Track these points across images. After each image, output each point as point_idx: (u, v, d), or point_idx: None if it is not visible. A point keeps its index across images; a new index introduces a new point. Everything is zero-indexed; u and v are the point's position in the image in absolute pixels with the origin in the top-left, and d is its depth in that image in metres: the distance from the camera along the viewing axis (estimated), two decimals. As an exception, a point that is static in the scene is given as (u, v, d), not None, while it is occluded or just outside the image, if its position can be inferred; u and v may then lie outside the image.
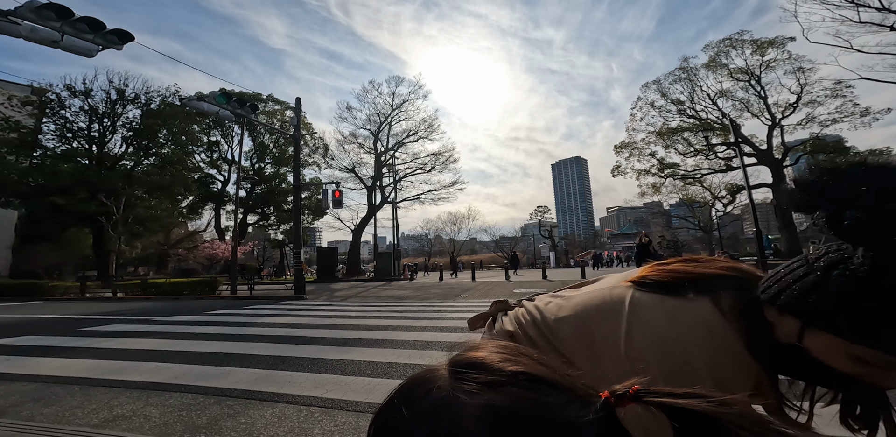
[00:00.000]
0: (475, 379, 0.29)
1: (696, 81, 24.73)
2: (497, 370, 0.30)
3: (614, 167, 27.97)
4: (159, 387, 3.23)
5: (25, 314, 9.65)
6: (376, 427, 0.32)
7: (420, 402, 0.29)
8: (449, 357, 0.33)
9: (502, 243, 55.47)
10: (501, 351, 0.32)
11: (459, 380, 0.29)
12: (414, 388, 0.31)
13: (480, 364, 0.30)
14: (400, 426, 0.29)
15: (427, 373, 0.32)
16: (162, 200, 28.50)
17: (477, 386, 0.28)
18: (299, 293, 13.13)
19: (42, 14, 6.12)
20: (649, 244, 9.78)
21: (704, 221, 43.56)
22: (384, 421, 0.31)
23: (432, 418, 0.28)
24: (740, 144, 18.93)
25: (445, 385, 0.29)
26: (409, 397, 0.31)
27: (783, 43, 22.07)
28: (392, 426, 0.30)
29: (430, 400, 0.29)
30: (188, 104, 11.08)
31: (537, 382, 0.29)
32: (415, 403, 0.29)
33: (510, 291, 11.73)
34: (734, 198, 30.41)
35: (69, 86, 24.65)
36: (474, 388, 0.28)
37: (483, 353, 0.32)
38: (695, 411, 0.28)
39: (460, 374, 0.30)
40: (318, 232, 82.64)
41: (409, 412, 0.29)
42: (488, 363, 0.30)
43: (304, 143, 28.96)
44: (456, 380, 0.29)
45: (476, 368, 0.30)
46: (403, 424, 0.29)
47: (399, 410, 0.29)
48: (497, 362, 0.30)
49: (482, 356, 0.31)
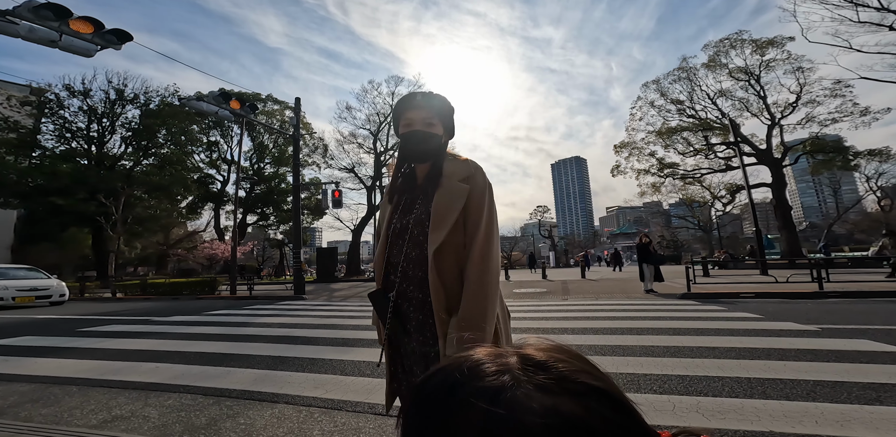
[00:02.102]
0: (551, 379, 0.28)
1: (695, 80, 24.70)
2: (571, 378, 0.29)
3: (614, 167, 27.95)
4: (158, 388, 3.21)
5: (24, 315, 9.63)
6: (431, 384, 0.31)
7: (486, 379, 0.29)
8: (518, 349, 0.33)
9: (502, 242, 55.38)
10: (583, 365, 0.31)
11: (533, 373, 0.29)
12: (482, 364, 0.30)
13: (552, 366, 0.30)
14: (457, 394, 0.28)
15: (496, 354, 0.31)
16: (161, 200, 28.46)
17: (552, 386, 0.28)
18: (299, 293, 13.12)
19: (40, 14, 6.09)
20: (649, 244, 9.76)
21: (704, 220, 43.59)
22: (441, 383, 0.30)
23: (493, 398, 0.27)
24: (740, 144, 18.92)
25: (517, 372, 0.29)
26: (475, 370, 0.30)
27: (782, 43, 22.05)
28: (447, 391, 0.29)
29: (497, 382, 0.28)
30: (187, 104, 11.05)
31: (610, 400, 0.28)
32: (480, 378, 0.29)
33: (510, 290, 11.72)
34: (734, 197, 30.44)
35: (68, 86, 24.63)
36: (550, 386, 0.28)
37: (549, 355, 0.31)
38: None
39: (537, 368, 0.29)
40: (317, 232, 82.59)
41: (472, 386, 0.28)
42: (563, 369, 0.30)
43: (303, 143, 28.91)
44: (529, 372, 0.29)
45: (549, 369, 0.29)
46: (462, 392, 0.28)
47: (462, 379, 0.29)
48: (574, 371, 0.29)
49: (556, 359, 0.31)
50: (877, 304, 6.50)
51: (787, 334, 4.35)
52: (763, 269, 13.82)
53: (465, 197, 1.18)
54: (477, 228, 1.16)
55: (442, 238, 1.13)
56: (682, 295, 8.57)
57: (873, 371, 2.94)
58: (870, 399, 2.42)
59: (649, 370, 3.20)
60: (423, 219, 1.19)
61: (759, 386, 2.74)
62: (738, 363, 3.29)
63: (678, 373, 3.10)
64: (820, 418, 2.19)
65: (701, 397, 2.60)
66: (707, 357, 3.52)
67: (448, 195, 1.18)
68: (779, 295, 7.93)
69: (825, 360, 3.30)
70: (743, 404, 2.44)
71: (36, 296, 12.06)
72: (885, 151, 22.51)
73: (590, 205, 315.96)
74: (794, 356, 3.45)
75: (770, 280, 10.41)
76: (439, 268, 1.12)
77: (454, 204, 1.16)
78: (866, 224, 45.40)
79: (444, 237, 1.13)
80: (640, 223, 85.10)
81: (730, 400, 2.51)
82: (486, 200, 1.20)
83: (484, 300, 1.08)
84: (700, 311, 6.34)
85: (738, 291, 8.57)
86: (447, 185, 1.20)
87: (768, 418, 2.22)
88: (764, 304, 7.00)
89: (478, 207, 1.18)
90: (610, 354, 3.80)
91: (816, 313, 5.77)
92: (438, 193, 1.19)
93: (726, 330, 4.65)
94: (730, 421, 2.20)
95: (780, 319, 5.33)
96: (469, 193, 1.19)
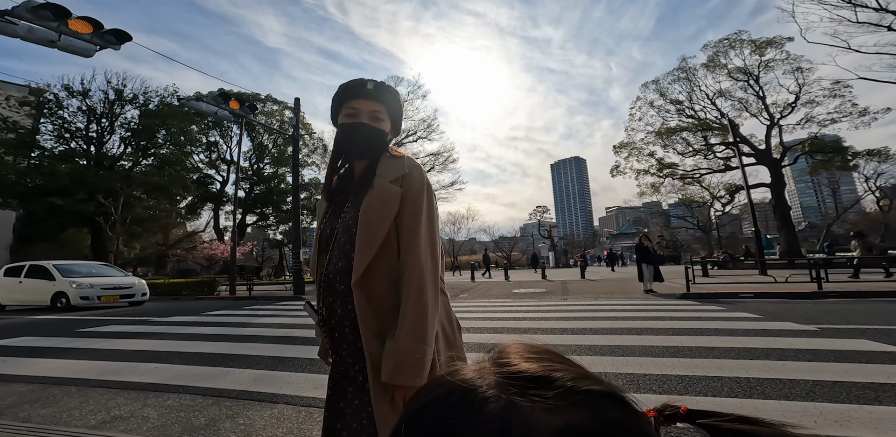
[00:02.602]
0: (555, 395, 0.26)
1: (694, 80, 24.74)
2: (570, 387, 0.27)
3: (613, 167, 27.97)
4: (157, 388, 3.21)
5: (23, 315, 9.61)
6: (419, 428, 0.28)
7: (484, 414, 0.26)
8: (491, 362, 0.30)
9: (501, 243, 55.46)
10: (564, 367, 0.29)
11: (526, 391, 0.26)
12: (471, 393, 0.27)
13: (549, 379, 0.27)
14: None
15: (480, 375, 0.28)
16: (160, 200, 28.41)
17: (559, 402, 0.25)
18: (298, 294, 13.11)
19: (39, 14, 6.09)
20: (648, 244, 9.76)
21: (703, 220, 43.67)
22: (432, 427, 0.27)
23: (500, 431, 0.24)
24: (739, 144, 18.94)
25: (514, 397, 0.26)
26: (466, 403, 0.27)
27: (781, 43, 22.09)
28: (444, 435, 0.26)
29: (496, 413, 0.25)
30: (187, 104, 11.05)
31: (615, 402, 0.27)
32: (477, 412, 0.26)
33: (510, 291, 11.72)
34: (733, 198, 30.49)
35: (67, 86, 24.57)
36: (557, 404, 0.25)
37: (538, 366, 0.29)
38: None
39: (536, 384, 0.27)
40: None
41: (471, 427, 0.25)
42: (558, 379, 0.27)
43: (303, 143, 28.92)
44: (529, 392, 0.26)
45: (547, 383, 0.27)
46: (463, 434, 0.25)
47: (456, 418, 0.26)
48: (571, 380, 0.27)
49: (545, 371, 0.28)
50: (876, 304, 6.51)
51: (786, 334, 4.35)
52: (762, 269, 13.84)
53: (398, 201, 1.02)
54: (413, 237, 1.00)
55: (373, 250, 0.97)
56: (681, 295, 8.58)
57: (872, 371, 2.95)
58: (869, 399, 2.42)
59: (649, 370, 3.20)
60: (350, 225, 1.04)
61: (759, 386, 2.74)
62: (737, 363, 3.29)
63: (677, 373, 3.10)
64: (819, 417, 2.19)
65: (700, 397, 2.60)
66: (706, 357, 3.52)
67: (379, 199, 1.02)
68: (778, 295, 7.94)
69: (824, 360, 3.30)
70: (742, 404, 2.44)
71: (120, 295, 11.16)
72: (884, 151, 22.54)
73: (589, 205, 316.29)
74: (793, 356, 3.45)
75: (769, 280, 10.42)
76: (367, 284, 0.98)
77: (386, 209, 1.00)
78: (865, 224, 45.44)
79: (375, 248, 0.98)
80: (640, 223, 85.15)
81: (729, 400, 2.51)
82: (424, 204, 1.04)
83: (423, 322, 0.94)
84: (699, 311, 6.35)
85: (738, 291, 8.58)
86: (379, 186, 1.04)
87: (767, 417, 2.22)
88: (763, 304, 7.01)
89: (413, 213, 1.02)
90: (610, 354, 3.80)
91: (815, 313, 5.78)
92: (368, 197, 1.02)
93: (725, 330, 4.66)
94: (729, 421, 2.20)
95: (779, 319, 5.34)
96: (403, 196, 1.02)
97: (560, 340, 4.52)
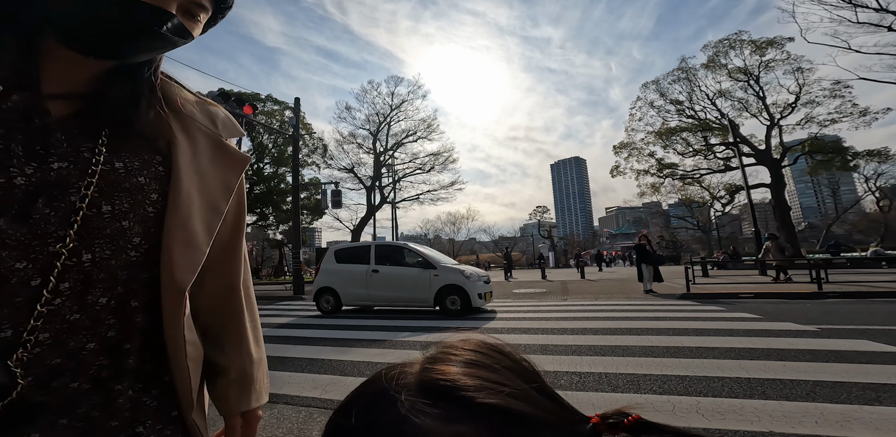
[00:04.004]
0: (443, 406, 0.26)
1: (694, 81, 24.77)
2: (470, 398, 0.26)
3: (613, 167, 27.99)
4: (157, 388, 3.20)
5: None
6: (327, 433, 0.29)
7: (379, 419, 0.27)
8: (421, 365, 0.30)
9: (501, 243, 55.50)
10: (478, 374, 0.29)
11: (426, 403, 0.26)
12: (376, 398, 0.28)
13: (453, 389, 0.27)
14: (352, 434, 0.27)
15: (392, 380, 0.29)
16: (160, 200, 28.39)
17: (445, 414, 0.25)
18: (298, 294, 13.12)
19: None
20: (648, 245, 9.76)
21: (703, 221, 43.71)
22: (336, 430, 0.28)
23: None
24: (739, 145, 18.95)
25: (411, 402, 0.26)
26: (368, 408, 0.28)
27: (782, 43, 22.11)
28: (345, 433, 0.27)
29: (390, 418, 0.26)
30: (186, 104, 11.06)
31: (512, 417, 0.26)
32: (372, 421, 0.27)
33: (509, 291, 11.72)
34: (733, 198, 30.54)
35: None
36: (442, 415, 0.25)
37: (456, 371, 0.29)
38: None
39: (430, 394, 0.27)
40: (317, 232, 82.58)
41: (364, 427, 0.27)
42: (461, 388, 0.27)
43: (303, 143, 28.93)
44: (423, 401, 0.26)
45: (448, 393, 0.27)
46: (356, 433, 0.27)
47: (355, 422, 0.27)
48: (472, 390, 0.27)
49: (455, 379, 0.28)
50: (876, 304, 6.50)
51: (786, 335, 4.35)
52: (762, 269, 13.84)
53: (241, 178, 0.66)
54: (240, 234, 0.68)
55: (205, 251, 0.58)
56: (681, 295, 8.58)
57: (873, 372, 2.94)
58: (869, 399, 2.42)
59: (649, 371, 3.20)
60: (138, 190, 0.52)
61: (759, 386, 2.74)
62: (737, 364, 3.29)
63: (678, 373, 3.10)
64: (820, 418, 2.19)
65: (700, 397, 2.60)
66: (706, 357, 3.52)
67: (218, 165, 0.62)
68: (778, 295, 7.93)
69: (824, 360, 3.30)
70: (743, 404, 2.44)
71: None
72: (884, 151, 22.57)
73: (589, 205, 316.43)
74: (793, 357, 3.45)
75: (769, 280, 10.42)
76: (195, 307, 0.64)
77: (228, 184, 0.63)
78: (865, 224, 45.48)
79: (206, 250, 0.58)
80: (640, 224, 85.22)
81: (729, 400, 2.51)
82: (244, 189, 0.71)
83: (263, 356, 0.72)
84: (699, 311, 6.34)
85: (737, 291, 8.58)
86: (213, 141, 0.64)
87: (768, 418, 2.22)
88: (763, 304, 7.01)
89: (242, 200, 0.69)
90: (610, 354, 3.80)
91: (815, 313, 5.78)
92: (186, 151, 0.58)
93: (725, 330, 4.66)
94: (729, 421, 2.20)
95: (779, 319, 5.33)
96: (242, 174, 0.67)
97: (560, 340, 4.52)
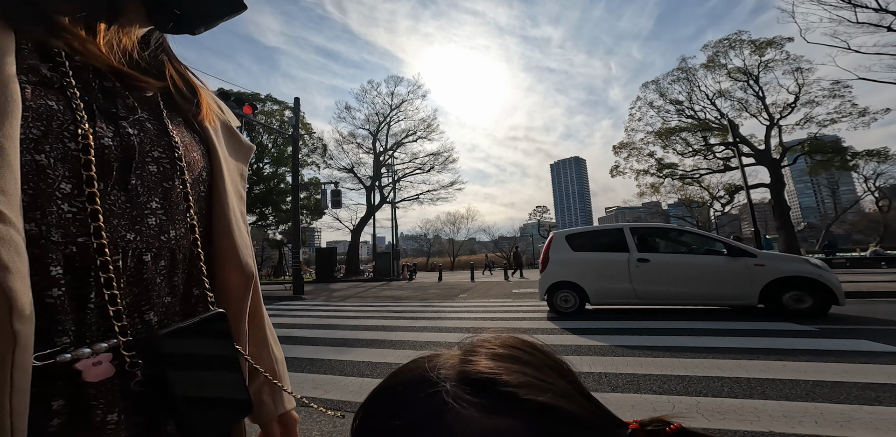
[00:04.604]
0: (486, 398, 0.26)
1: (694, 81, 24.78)
2: (513, 393, 0.26)
3: (613, 167, 28.00)
4: (156, 388, 3.20)
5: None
6: (364, 415, 0.30)
7: (420, 403, 0.27)
8: (461, 356, 0.30)
9: (501, 243, 55.52)
10: (522, 371, 0.28)
11: (469, 392, 0.26)
12: (418, 383, 0.28)
13: (496, 383, 0.27)
14: (388, 425, 0.27)
15: (434, 369, 0.29)
16: (160, 200, 28.38)
17: (488, 406, 0.25)
18: (298, 294, 13.10)
19: None
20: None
21: (703, 221, 43.70)
22: (373, 413, 0.29)
23: (428, 425, 0.25)
24: (738, 145, 18.94)
25: (454, 391, 0.26)
26: (409, 392, 0.28)
27: (781, 43, 22.13)
28: (380, 421, 0.28)
29: (432, 404, 0.26)
30: (186, 104, 11.02)
31: (555, 415, 0.26)
32: (414, 405, 0.27)
33: (509, 291, 11.72)
34: (732, 198, 30.54)
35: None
36: (485, 407, 0.25)
37: (498, 365, 0.29)
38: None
39: (472, 385, 0.27)
40: (316, 232, 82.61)
41: (403, 412, 0.27)
42: (505, 383, 0.27)
43: (302, 143, 28.94)
44: (464, 390, 0.26)
45: (491, 386, 0.27)
46: (392, 423, 0.27)
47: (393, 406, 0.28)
48: (515, 386, 0.27)
49: (498, 373, 0.27)
50: (876, 304, 6.50)
51: (786, 335, 4.35)
52: None
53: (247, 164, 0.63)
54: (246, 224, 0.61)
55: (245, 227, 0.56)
56: (681, 295, 8.56)
57: (873, 371, 2.94)
58: (869, 399, 2.42)
59: (649, 370, 3.20)
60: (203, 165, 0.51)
61: (759, 386, 2.74)
62: (737, 363, 3.29)
63: (678, 373, 3.10)
64: (820, 418, 2.19)
65: (700, 397, 2.60)
66: (706, 357, 3.52)
67: (233, 151, 0.60)
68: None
69: (824, 360, 3.30)
70: (742, 404, 2.44)
71: None
72: (884, 151, 22.59)
73: (589, 205, 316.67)
74: (793, 356, 3.45)
75: None
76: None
77: (243, 172, 0.61)
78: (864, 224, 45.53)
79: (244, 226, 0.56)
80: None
81: (729, 400, 2.51)
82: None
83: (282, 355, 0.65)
84: (699, 311, 6.34)
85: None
86: (226, 126, 0.60)
87: (768, 418, 2.22)
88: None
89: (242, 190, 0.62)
90: (610, 354, 3.80)
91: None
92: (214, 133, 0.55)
93: (725, 330, 4.65)
94: (729, 421, 2.20)
95: (778, 319, 5.33)
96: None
97: (560, 340, 4.52)
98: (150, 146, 0.44)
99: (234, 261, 0.50)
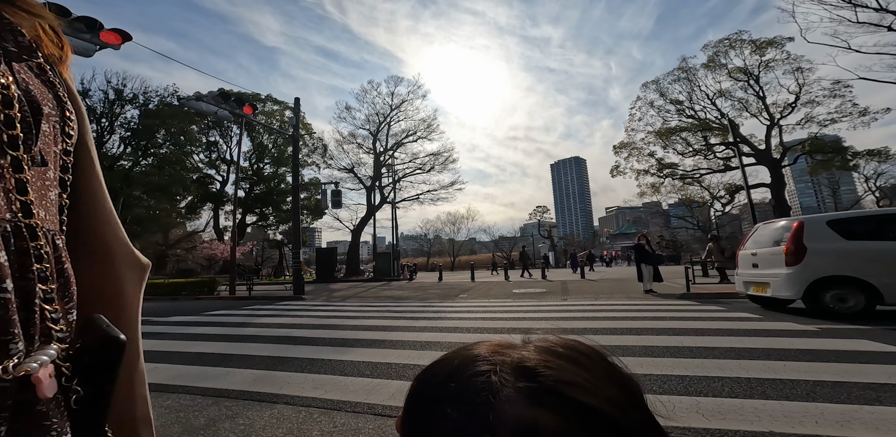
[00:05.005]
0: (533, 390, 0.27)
1: (694, 80, 24.77)
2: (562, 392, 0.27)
3: (613, 167, 28.00)
4: (156, 388, 3.20)
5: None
6: (418, 387, 0.32)
7: (468, 381, 0.28)
8: (521, 344, 0.32)
9: (501, 243, 55.49)
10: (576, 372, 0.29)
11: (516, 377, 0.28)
12: (470, 363, 0.30)
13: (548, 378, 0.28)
14: (438, 392, 0.29)
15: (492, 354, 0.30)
16: (160, 200, 28.42)
17: (533, 397, 0.26)
18: (298, 294, 13.10)
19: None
20: (647, 245, 9.75)
21: (703, 221, 43.61)
22: (428, 379, 0.31)
23: (475, 402, 0.26)
24: (739, 144, 18.94)
25: (504, 376, 0.28)
26: (460, 370, 0.30)
27: (782, 43, 22.11)
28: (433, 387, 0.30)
29: (479, 383, 0.27)
30: (186, 104, 11.05)
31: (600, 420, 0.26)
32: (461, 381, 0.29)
33: (509, 291, 11.72)
34: (733, 198, 30.47)
35: (67, 86, 24.58)
36: (530, 397, 0.26)
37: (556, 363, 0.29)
38: None
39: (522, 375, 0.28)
40: (316, 232, 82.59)
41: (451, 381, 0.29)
42: (561, 381, 0.27)
43: (302, 143, 28.93)
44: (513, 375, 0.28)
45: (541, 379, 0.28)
46: (443, 390, 0.29)
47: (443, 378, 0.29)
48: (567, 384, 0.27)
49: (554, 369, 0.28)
50: (876, 304, 6.49)
51: (786, 335, 4.34)
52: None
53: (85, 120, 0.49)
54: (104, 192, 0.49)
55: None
56: (681, 295, 8.57)
57: (873, 371, 2.94)
58: (870, 399, 2.42)
59: (649, 371, 3.20)
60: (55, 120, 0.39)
61: (759, 386, 2.74)
62: (737, 363, 3.29)
63: (678, 373, 3.10)
64: (820, 418, 2.19)
65: (701, 397, 2.60)
66: (706, 357, 3.52)
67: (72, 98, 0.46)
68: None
69: (825, 360, 3.30)
70: (743, 404, 2.44)
71: None
72: (884, 151, 22.57)
73: (589, 205, 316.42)
74: (793, 356, 3.44)
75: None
76: None
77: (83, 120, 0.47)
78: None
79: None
80: (640, 224, 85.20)
81: (730, 400, 2.51)
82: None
83: None
84: (699, 311, 6.34)
85: (738, 291, 8.57)
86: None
87: (768, 418, 2.22)
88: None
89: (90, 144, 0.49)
90: (610, 354, 3.80)
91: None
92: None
93: (725, 330, 4.65)
94: (730, 421, 2.20)
95: (779, 319, 5.33)
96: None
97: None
98: (43, 100, 0.34)
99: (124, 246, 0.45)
